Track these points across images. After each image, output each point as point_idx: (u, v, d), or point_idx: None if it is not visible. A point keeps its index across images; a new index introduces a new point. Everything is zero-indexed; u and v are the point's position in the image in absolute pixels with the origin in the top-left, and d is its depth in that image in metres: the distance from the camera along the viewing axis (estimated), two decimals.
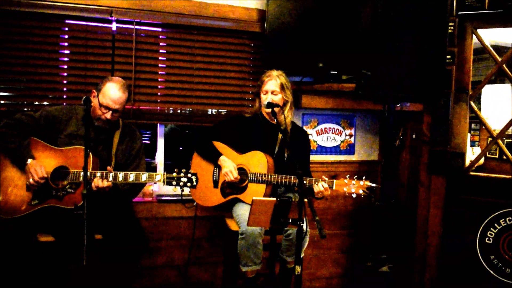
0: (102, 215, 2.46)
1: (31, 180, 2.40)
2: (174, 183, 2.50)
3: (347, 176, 2.65)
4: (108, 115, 2.55)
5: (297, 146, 2.89)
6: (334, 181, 2.64)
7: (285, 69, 3.19)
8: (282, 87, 2.81)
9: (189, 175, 2.51)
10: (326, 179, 2.63)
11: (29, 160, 2.42)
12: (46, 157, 2.48)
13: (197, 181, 2.53)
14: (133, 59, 3.10)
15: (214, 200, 2.84)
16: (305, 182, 2.62)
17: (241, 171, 2.76)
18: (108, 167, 2.49)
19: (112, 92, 2.53)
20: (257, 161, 2.77)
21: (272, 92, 2.80)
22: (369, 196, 2.65)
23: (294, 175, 2.66)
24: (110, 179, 2.47)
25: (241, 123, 2.91)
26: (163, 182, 2.50)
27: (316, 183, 2.62)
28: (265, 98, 2.78)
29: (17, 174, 2.48)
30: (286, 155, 2.86)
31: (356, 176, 2.66)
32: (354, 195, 2.63)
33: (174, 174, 2.51)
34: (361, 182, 2.64)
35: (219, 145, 2.87)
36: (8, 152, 2.47)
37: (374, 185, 2.65)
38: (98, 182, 2.43)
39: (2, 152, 2.49)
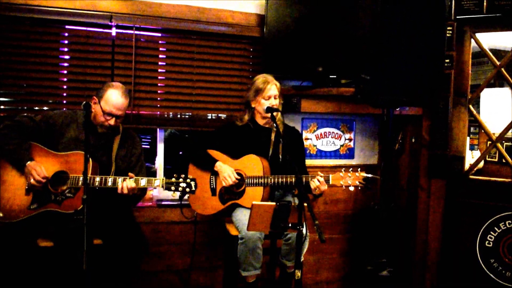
0: (102, 220, 2.46)
1: (32, 180, 2.40)
2: (173, 188, 2.49)
3: (343, 169, 2.66)
4: (112, 121, 2.56)
5: (291, 145, 2.90)
6: (330, 175, 2.65)
7: (284, 74, 3.21)
8: (280, 90, 2.84)
9: (188, 180, 2.51)
10: (322, 174, 2.64)
11: (29, 162, 2.42)
12: (45, 162, 2.48)
13: (196, 186, 2.52)
14: (132, 64, 3.11)
15: (213, 208, 2.84)
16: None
17: (238, 176, 2.77)
18: (130, 173, 2.51)
19: (115, 99, 2.53)
20: (252, 165, 2.77)
21: (275, 97, 2.81)
22: (366, 186, 2.65)
23: (290, 175, 2.67)
24: (109, 184, 2.47)
25: (233, 130, 2.91)
26: (162, 187, 2.50)
27: (312, 179, 2.63)
28: (268, 103, 2.78)
29: (17, 179, 2.48)
30: (280, 156, 2.86)
31: (351, 169, 2.66)
32: (351, 188, 2.63)
33: (173, 179, 2.51)
34: (357, 174, 2.64)
35: (213, 153, 2.87)
36: (7, 154, 2.47)
37: (369, 175, 2.65)
38: (127, 183, 2.44)
39: (2, 155, 2.49)
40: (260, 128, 2.91)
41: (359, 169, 2.66)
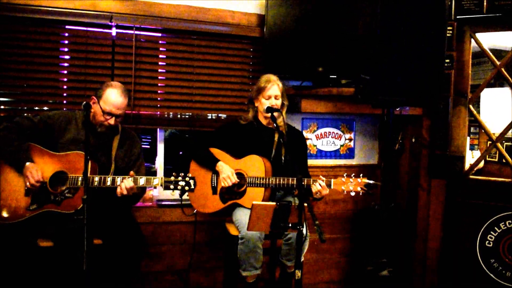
0: (102, 220, 2.46)
1: (27, 183, 2.41)
2: (172, 186, 2.50)
3: (345, 175, 2.66)
4: (112, 121, 2.57)
5: (294, 147, 2.90)
6: (332, 180, 2.65)
7: (284, 74, 3.20)
8: (282, 91, 2.83)
9: (187, 178, 2.51)
10: (324, 178, 2.64)
11: (27, 163, 2.42)
12: (44, 163, 2.49)
13: (195, 184, 2.52)
14: (133, 64, 3.11)
15: (214, 207, 2.84)
16: (303, 183, 2.62)
17: (239, 176, 2.76)
18: (131, 172, 2.51)
19: (114, 98, 2.54)
20: (254, 165, 2.77)
21: (275, 97, 2.81)
22: (368, 193, 2.66)
23: (292, 177, 2.66)
24: (108, 183, 2.47)
25: (237, 128, 2.91)
26: (161, 185, 2.50)
27: (314, 183, 2.63)
28: (268, 103, 2.78)
29: (16, 179, 2.48)
30: (283, 158, 2.86)
31: (353, 174, 2.67)
32: (352, 193, 2.63)
33: (172, 178, 2.51)
34: (359, 180, 2.65)
35: (216, 152, 2.87)
36: (7, 155, 2.47)
37: (371, 181, 2.66)
38: (126, 183, 2.44)
39: (2, 156, 2.49)
40: (263, 128, 2.91)
41: (361, 175, 2.66)
